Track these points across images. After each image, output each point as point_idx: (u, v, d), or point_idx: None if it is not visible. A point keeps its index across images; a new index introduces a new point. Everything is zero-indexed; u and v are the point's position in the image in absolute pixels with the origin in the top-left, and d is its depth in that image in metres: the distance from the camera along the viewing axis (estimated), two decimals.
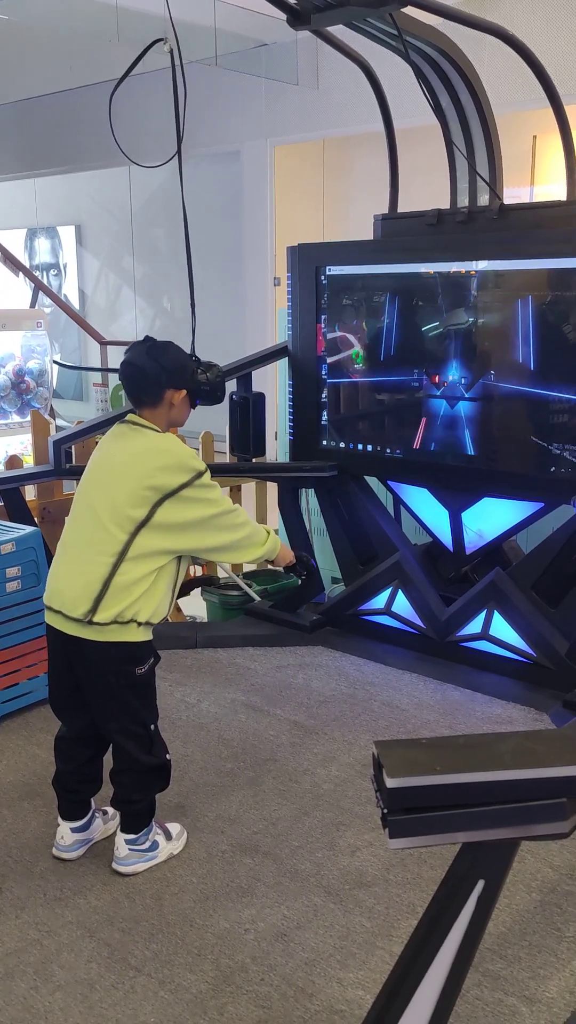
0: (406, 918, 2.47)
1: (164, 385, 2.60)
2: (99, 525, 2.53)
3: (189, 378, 2.65)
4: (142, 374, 2.59)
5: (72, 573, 2.56)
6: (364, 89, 4.09)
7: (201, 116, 8.45)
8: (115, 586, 2.50)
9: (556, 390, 3.50)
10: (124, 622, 2.51)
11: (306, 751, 3.34)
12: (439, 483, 3.95)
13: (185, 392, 2.65)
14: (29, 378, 7.40)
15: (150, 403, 2.62)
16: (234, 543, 2.70)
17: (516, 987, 2.23)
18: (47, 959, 2.34)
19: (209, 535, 2.63)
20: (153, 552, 2.53)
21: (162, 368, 2.58)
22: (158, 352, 2.60)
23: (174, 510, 2.53)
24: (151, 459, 2.54)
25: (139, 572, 2.52)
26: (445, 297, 3.77)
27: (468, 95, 3.78)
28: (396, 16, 3.27)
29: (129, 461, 2.56)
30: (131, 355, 2.62)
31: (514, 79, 5.84)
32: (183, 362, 2.65)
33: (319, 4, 3.21)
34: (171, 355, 2.62)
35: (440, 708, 3.67)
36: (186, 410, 2.71)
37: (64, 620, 2.56)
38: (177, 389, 2.63)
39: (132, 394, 2.64)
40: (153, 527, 2.52)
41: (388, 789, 1.40)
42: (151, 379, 2.59)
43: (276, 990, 2.23)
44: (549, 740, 1.60)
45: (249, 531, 2.73)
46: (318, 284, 4.14)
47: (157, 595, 2.57)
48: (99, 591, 2.50)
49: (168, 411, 2.64)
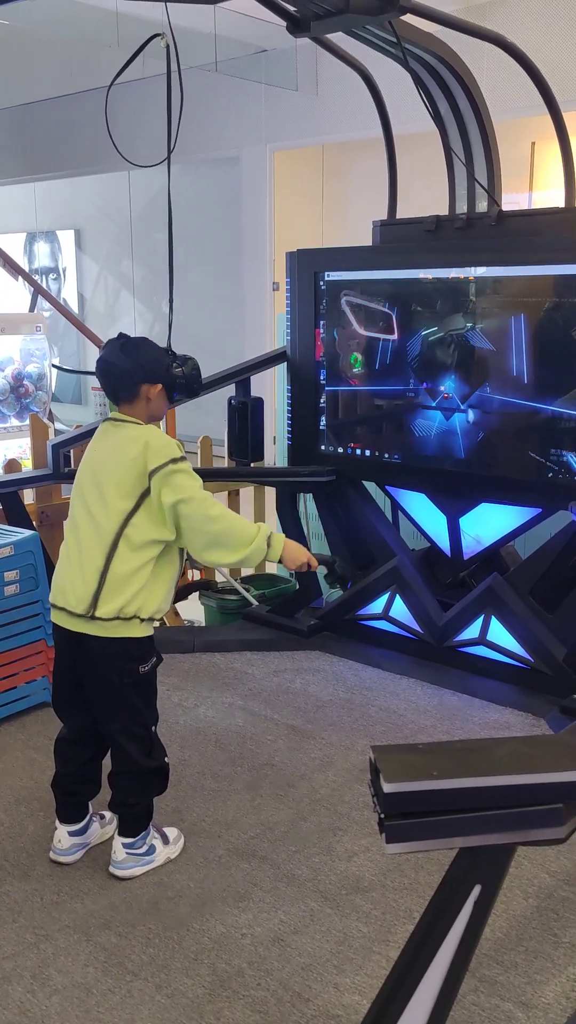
0: (403, 923, 2.47)
1: (139, 380, 2.64)
2: (92, 520, 2.58)
3: (164, 372, 2.69)
4: (117, 370, 2.64)
5: (73, 570, 2.59)
6: (363, 95, 4.10)
7: (201, 121, 8.47)
8: (112, 578, 2.52)
9: (554, 396, 3.51)
10: (127, 618, 2.53)
11: (303, 756, 3.34)
12: (437, 488, 3.95)
13: (161, 386, 2.69)
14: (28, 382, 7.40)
15: (127, 398, 2.67)
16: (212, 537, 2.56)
17: (513, 992, 2.24)
18: (44, 963, 2.34)
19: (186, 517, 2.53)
20: (144, 542, 2.56)
21: (136, 364, 2.63)
22: (131, 348, 2.65)
23: (155, 496, 2.55)
24: (130, 448, 2.58)
25: (134, 563, 2.54)
26: (443, 303, 3.77)
27: (467, 102, 3.80)
28: (395, 24, 3.28)
29: (112, 453, 2.62)
30: (106, 352, 2.67)
31: (513, 86, 5.84)
32: (156, 357, 2.68)
33: (319, 12, 3.22)
34: (144, 351, 2.66)
35: (437, 713, 3.67)
36: (163, 404, 2.74)
37: (69, 617, 2.58)
38: (152, 383, 2.67)
39: (109, 391, 2.69)
40: (140, 515, 2.55)
41: (385, 794, 1.40)
42: (126, 375, 2.64)
43: (273, 995, 2.23)
44: (546, 745, 1.60)
45: (226, 526, 2.57)
46: (317, 289, 4.15)
47: (158, 590, 2.60)
48: (97, 584, 2.53)
49: (146, 405, 2.69)
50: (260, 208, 8.65)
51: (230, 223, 9.12)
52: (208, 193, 9.36)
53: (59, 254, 11.53)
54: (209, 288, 9.51)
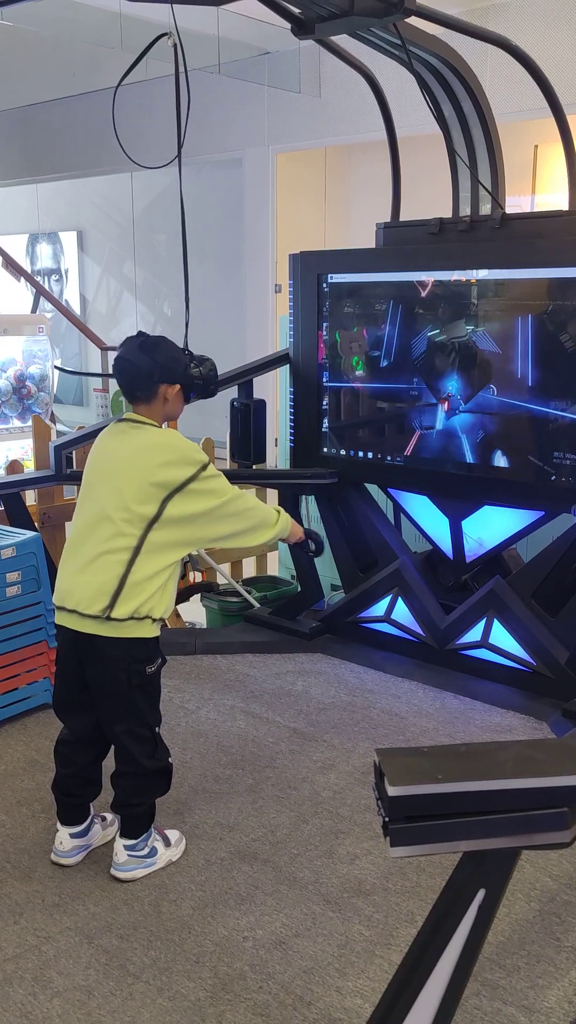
0: (405, 927, 2.47)
1: (157, 380, 2.63)
2: (110, 523, 2.55)
3: (182, 372, 2.68)
4: (135, 369, 2.63)
5: (85, 572, 2.57)
6: (367, 98, 4.10)
7: (204, 123, 8.47)
8: (132, 582, 2.52)
9: (556, 398, 3.51)
10: (140, 618, 2.54)
11: (305, 758, 3.34)
12: (440, 491, 3.95)
13: (179, 386, 2.68)
14: (30, 383, 7.40)
15: (144, 398, 2.66)
16: (245, 529, 2.75)
17: (515, 996, 2.23)
18: (45, 965, 2.34)
19: (220, 524, 2.68)
20: (167, 546, 2.57)
21: (155, 363, 2.61)
22: (151, 347, 2.63)
23: (183, 504, 2.57)
24: (154, 455, 2.57)
25: (154, 567, 2.55)
26: (446, 306, 3.77)
27: (471, 104, 3.80)
28: (399, 26, 3.29)
29: (133, 457, 2.59)
30: (124, 351, 2.65)
31: (516, 88, 5.85)
32: (176, 357, 2.67)
33: (323, 14, 3.23)
34: (164, 350, 2.65)
35: (439, 716, 3.67)
36: (180, 404, 2.74)
37: (79, 619, 2.56)
38: (170, 384, 2.66)
39: (126, 389, 2.67)
40: (164, 522, 2.55)
41: (390, 797, 1.40)
42: (144, 374, 2.62)
43: (275, 998, 2.23)
44: (551, 749, 1.60)
45: (260, 516, 2.78)
46: (319, 291, 4.15)
47: (169, 591, 2.62)
48: (116, 588, 2.52)
49: (163, 405, 2.68)
50: (263, 210, 8.66)
51: (233, 225, 9.12)
52: (211, 195, 9.36)
53: (61, 255, 11.54)
54: (212, 290, 9.51)
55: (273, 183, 8.55)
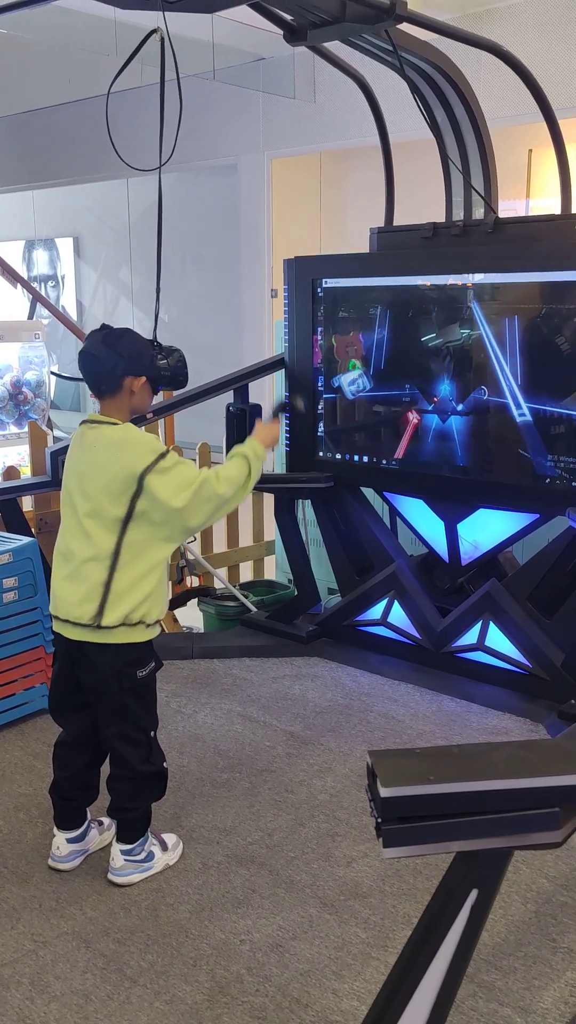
0: (401, 929, 2.47)
1: (122, 373, 2.57)
2: (85, 530, 2.54)
3: (148, 364, 2.63)
4: (99, 363, 2.57)
5: (70, 581, 2.57)
6: (361, 104, 4.12)
7: (199, 129, 8.49)
8: (117, 588, 2.51)
9: (551, 401, 3.52)
10: (132, 624, 2.53)
11: (302, 762, 3.34)
12: (435, 494, 3.96)
13: (145, 379, 2.62)
14: (27, 389, 7.41)
15: (109, 392, 2.60)
16: (219, 505, 2.59)
17: (511, 998, 2.24)
18: (42, 970, 2.34)
19: (195, 511, 2.54)
20: (148, 543, 2.53)
21: (119, 356, 2.56)
22: (114, 339, 2.58)
23: (150, 498, 2.49)
24: (112, 452, 2.52)
25: (140, 569, 2.52)
26: (441, 310, 3.79)
27: (463, 110, 3.81)
28: (392, 32, 3.30)
29: (93, 459, 2.55)
30: (88, 344, 2.60)
31: (509, 93, 5.87)
32: (140, 349, 2.61)
33: (315, 21, 3.25)
34: (127, 342, 2.59)
35: (436, 719, 3.67)
36: (148, 397, 2.68)
37: (72, 627, 2.57)
38: (136, 376, 2.60)
39: (92, 384, 2.62)
40: (138, 519, 2.51)
41: (382, 798, 1.41)
42: (108, 367, 2.56)
43: (271, 1001, 2.23)
44: (543, 750, 1.61)
45: (229, 487, 2.60)
46: (314, 296, 4.16)
47: (161, 592, 2.59)
48: (102, 595, 2.51)
49: (129, 399, 2.62)
50: (258, 215, 8.68)
51: (228, 230, 9.14)
52: (206, 200, 9.38)
53: (57, 261, 11.55)
54: (207, 295, 9.53)
55: (268, 188, 8.56)
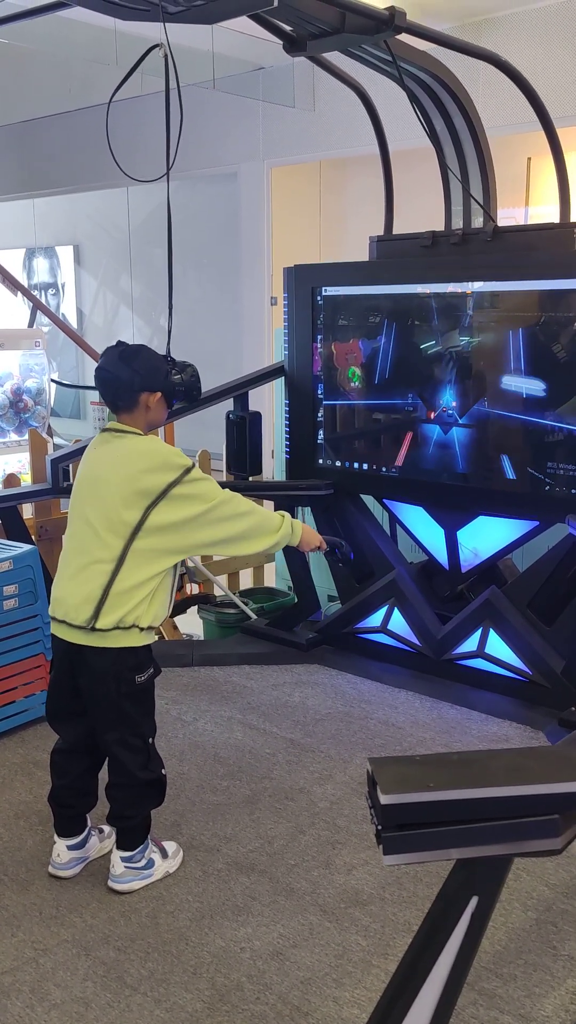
0: (402, 936, 2.47)
1: (138, 389, 2.62)
2: (94, 533, 2.56)
3: (163, 380, 2.67)
4: (116, 379, 2.62)
5: (73, 583, 2.58)
6: (360, 112, 4.13)
7: (199, 137, 8.52)
8: (115, 592, 2.52)
9: (550, 409, 3.53)
10: (126, 627, 2.54)
11: (302, 769, 3.34)
12: (435, 501, 3.97)
13: (160, 394, 2.67)
14: (27, 397, 7.42)
15: (126, 407, 2.65)
16: (239, 535, 2.65)
17: (511, 1005, 2.23)
18: (43, 977, 2.34)
19: (208, 530, 2.60)
20: (153, 554, 2.55)
21: (135, 372, 2.61)
22: (130, 356, 2.63)
23: (167, 510, 2.54)
24: (135, 462, 2.56)
25: (140, 576, 2.54)
26: (440, 318, 3.80)
27: (462, 119, 3.83)
28: (390, 43, 3.32)
29: (115, 466, 2.59)
30: (104, 361, 2.65)
31: (508, 102, 5.90)
32: (155, 365, 2.67)
33: (315, 31, 3.26)
34: (143, 359, 2.64)
35: (436, 726, 3.67)
36: (163, 411, 2.73)
37: (68, 629, 2.58)
38: (152, 392, 2.65)
39: (108, 399, 2.67)
40: (149, 530, 2.53)
41: (382, 806, 1.41)
42: (124, 384, 2.62)
43: (272, 1009, 2.23)
44: (542, 757, 1.61)
45: (256, 521, 2.68)
46: (314, 304, 4.18)
47: (158, 599, 2.60)
48: (100, 598, 2.52)
49: (145, 414, 2.67)
50: (258, 224, 8.70)
51: (228, 238, 9.16)
52: (206, 209, 9.41)
53: (58, 270, 11.58)
54: (207, 303, 9.55)
55: (268, 197, 8.59)
